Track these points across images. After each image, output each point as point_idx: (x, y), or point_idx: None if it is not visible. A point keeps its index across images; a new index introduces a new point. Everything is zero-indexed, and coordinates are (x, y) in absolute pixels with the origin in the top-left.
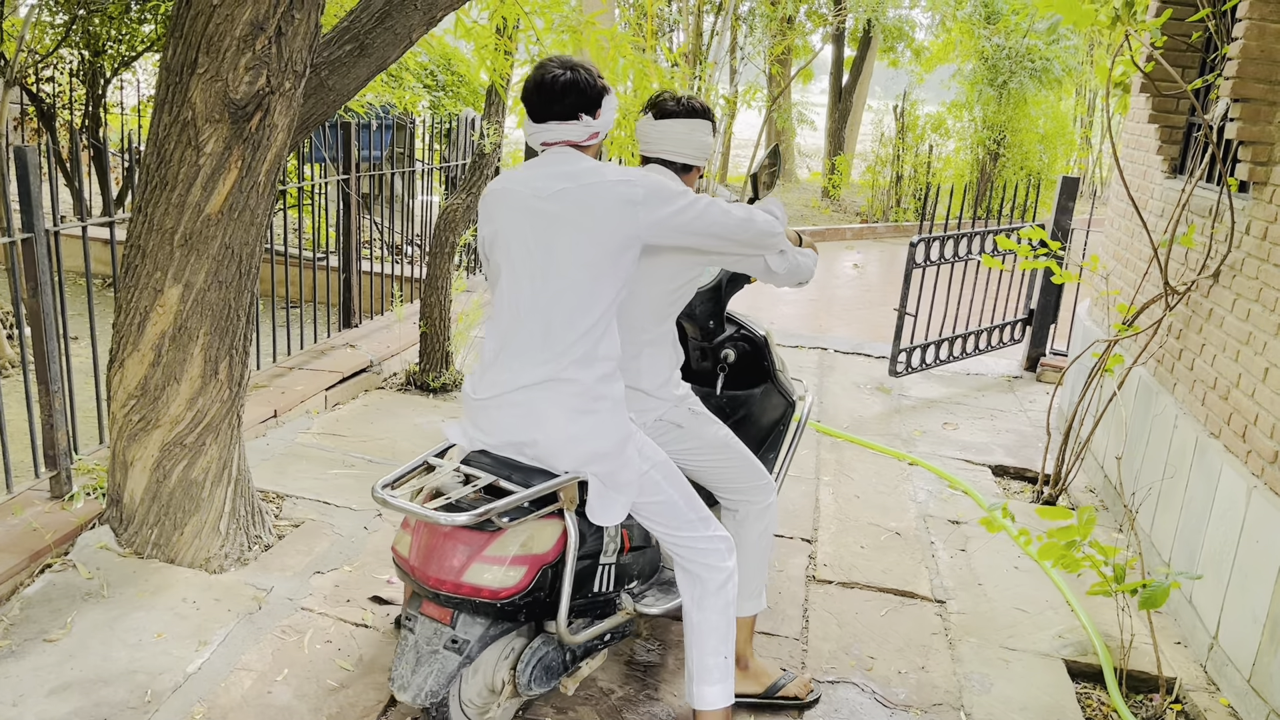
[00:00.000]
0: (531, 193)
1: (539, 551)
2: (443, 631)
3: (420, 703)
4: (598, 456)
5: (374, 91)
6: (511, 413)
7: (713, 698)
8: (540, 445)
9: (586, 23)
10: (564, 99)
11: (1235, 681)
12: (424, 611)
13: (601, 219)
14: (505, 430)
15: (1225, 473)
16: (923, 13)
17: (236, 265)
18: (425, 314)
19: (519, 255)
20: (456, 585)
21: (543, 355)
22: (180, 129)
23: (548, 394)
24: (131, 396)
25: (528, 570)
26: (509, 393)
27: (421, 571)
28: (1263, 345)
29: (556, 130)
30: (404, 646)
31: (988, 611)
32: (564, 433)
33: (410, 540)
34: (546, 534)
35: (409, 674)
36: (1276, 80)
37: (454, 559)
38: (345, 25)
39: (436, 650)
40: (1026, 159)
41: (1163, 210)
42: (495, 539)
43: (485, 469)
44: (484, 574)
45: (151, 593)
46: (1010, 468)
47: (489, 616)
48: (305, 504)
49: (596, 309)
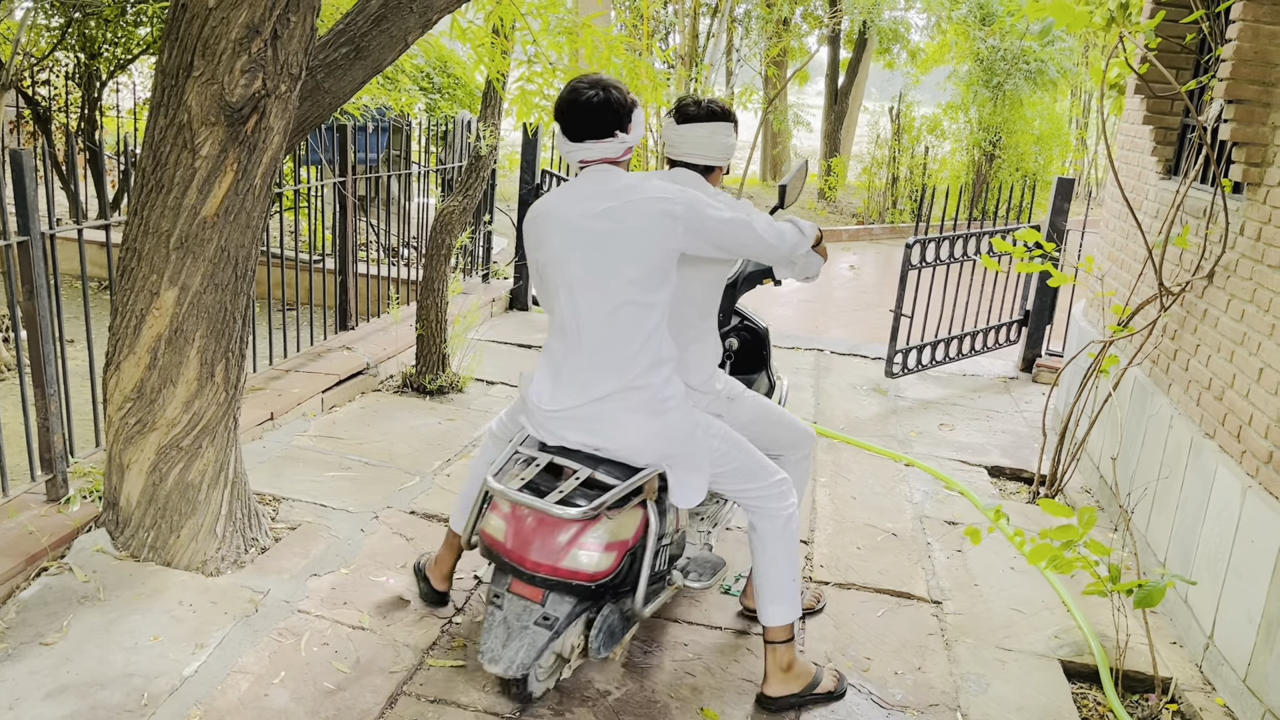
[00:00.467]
0: (579, 214)
1: (625, 538)
2: (533, 609)
3: (511, 674)
4: (672, 454)
5: (370, 94)
6: (586, 424)
7: (784, 615)
8: (617, 450)
9: (583, 24)
10: (599, 119)
11: (1231, 681)
12: (514, 590)
13: (647, 234)
14: (582, 437)
15: (1220, 473)
16: (918, 15)
17: (232, 268)
18: (422, 316)
19: (575, 274)
20: (554, 569)
21: (610, 368)
22: (176, 132)
23: (620, 403)
24: (128, 399)
25: (617, 555)
26: (581, 405)
27: (519, 555)
28: (1257, 346)
29: (594, 149)
30: (492, 622)
31: (984, 612)
32: (639, 437)
33: (505, 526)
34: (630, 522)
35: (499, 648)
36: (1270, 82)
37: (554, 545)
38: (341, 28)
39: (527, 626)
40: (1022, 160)
41: (1157, 211)
42: (591, 528)
43: (578, 461)
44: (581, 559)
45: (148, 596)
46: (1006, 468)
47: (578, 596)
48: (302, 506)
49: (653, 317)
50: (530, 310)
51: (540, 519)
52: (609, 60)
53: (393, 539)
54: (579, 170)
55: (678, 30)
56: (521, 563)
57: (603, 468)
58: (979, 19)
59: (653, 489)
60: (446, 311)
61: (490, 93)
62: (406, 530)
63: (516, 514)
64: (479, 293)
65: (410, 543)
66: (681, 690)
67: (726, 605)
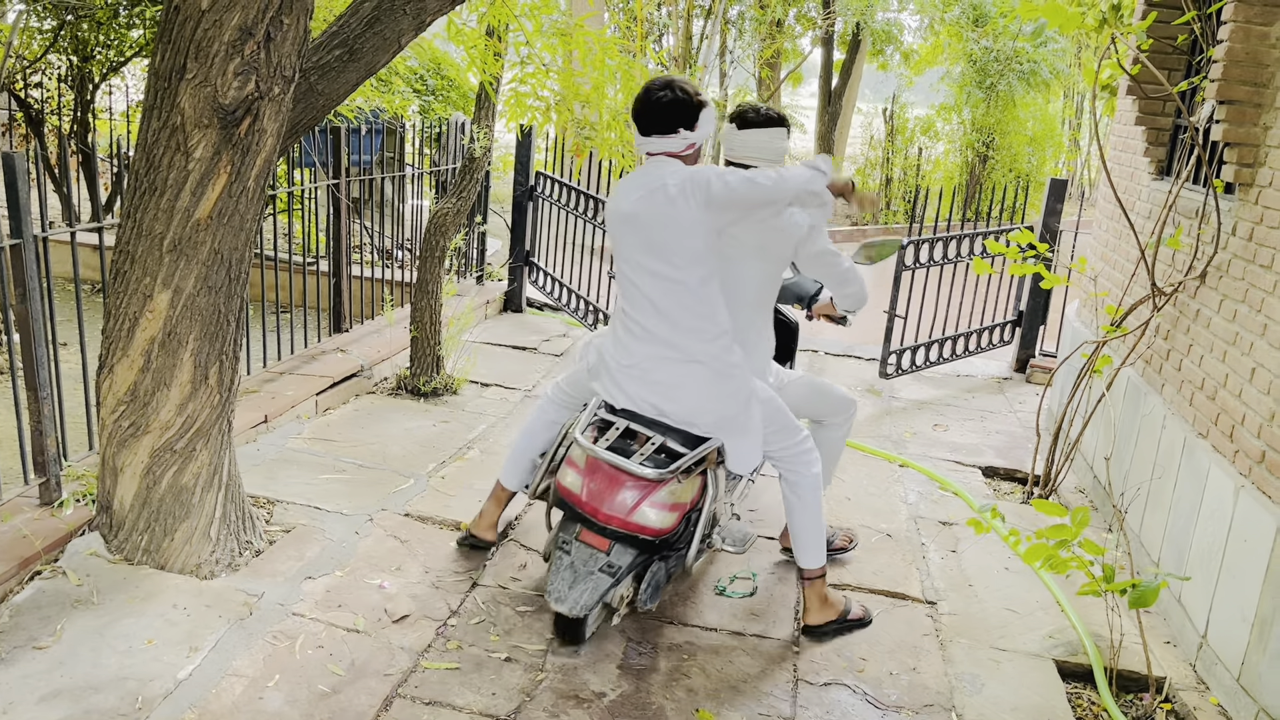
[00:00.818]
0: (625, 202)
1: (685, 501)
2: (598, 557)
3: (575, 614)
4: (728, 418)
5: (364, 96)
6: (650, 383)
7: (818, 559)
8: (678, 412)
9: (576, 25)
10: (665, 117)
11: (1224, 680)
12: (582, 538)
13: (668, 216)
14: (645, 396)
15: (1213, 473)
16: (911, 16)
17: (226, 270)
18: (416, 318)
19: (628, 255)
20: (624, 522)
21: (669, 336)
22: (169, 134)
23: (681, 369)
24: (121, 402)
25: (678, 516)
26: (643, 362)
27: (592, 507)
28: (1249, 346)
29: (658, 143)
30: (559, 566)
31: (978, 612)
32: (700, 401)
33: (580, 480)
34: (691, 487)
35: (565, 589)
36: (1261, 82)
37: (626, 501)
38: (334, 30)
39: (592, 572)
40: (1015, 161)
41: (1150, 212)
42: (659, 489)
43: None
44: (649, 515)
45: (142, 599)
46: (1000, 469)
47: (640, 549)
48: (296, 509)
49: (698, 291)
50: (525, 312)
51: (613, 477)
52: (602, 62)
53: (387, 541)
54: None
55: (671, 32)
56: (594, 514)
57: (671, 435)
58: (972, 20)
59: (713, 459)
60: (441, 313)
61: (484, 95)
62: (401, 532)
63: (592, 470)
64: (473, 294)
65: (405, 545)
66: (677, 691)
67: (721, 607)
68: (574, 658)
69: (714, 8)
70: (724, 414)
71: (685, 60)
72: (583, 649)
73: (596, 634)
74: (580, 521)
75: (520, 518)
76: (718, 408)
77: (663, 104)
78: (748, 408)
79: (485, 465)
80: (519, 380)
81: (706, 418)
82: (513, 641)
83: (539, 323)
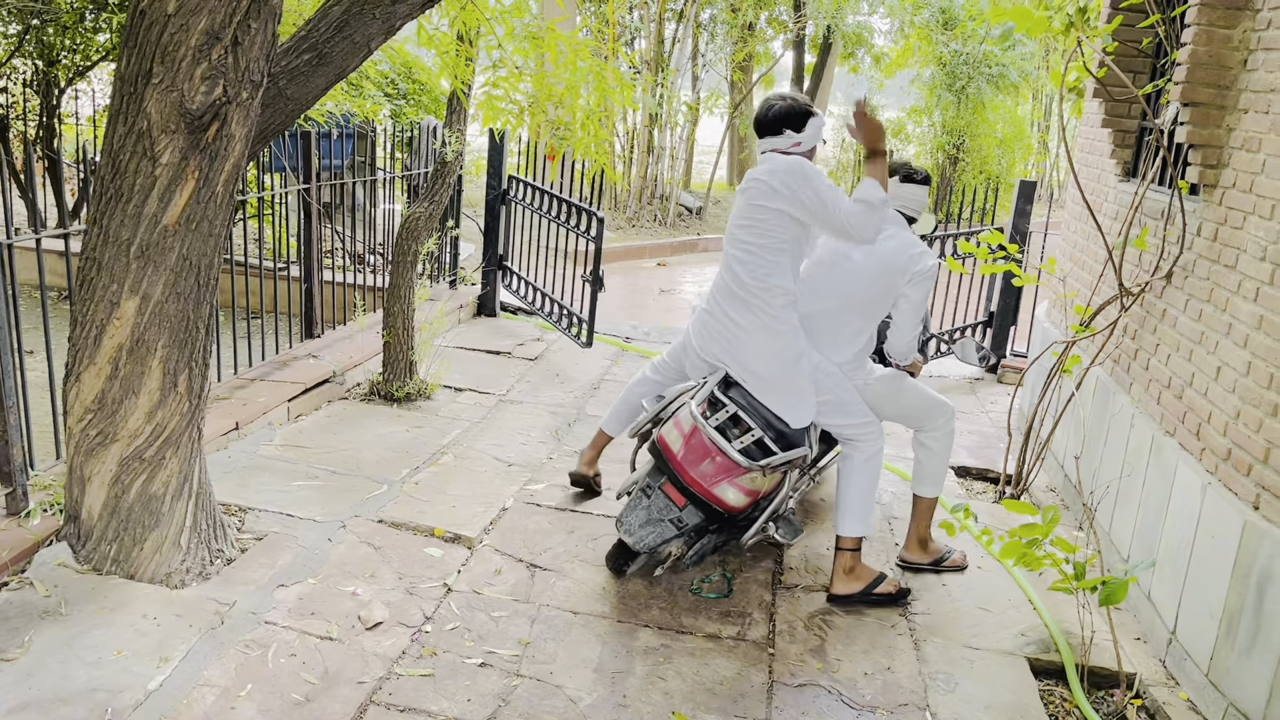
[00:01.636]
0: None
1: (760, 489)
2: (673, 509)
3: (638, 548)
4: (776, 371)
5: (334, 100)
6: (719, 330)
7: (853, 528)
8: (739, 355)
9: (547, 28)
10: (773, 121)
11: (1194, 676)
12: (665, 489)
13: (760, 196)
14: (715, 337)
15: (1181, 470)
16: (881, 19)
17: (195, 277)
18: (388, 323)
19: (731, 225)
20: (706, 490)
21: (740, 292)
22: (135, 139)
23: (743, 319)
24: (88, 411)
25: (750, 500)
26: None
27: (682, 467)
28: (1215, 345)
29: (768, 142)
30: (637, 504)
31: (952, 611)
32: (754, 349)
33: (681, 440)
34: (770, 479)
35: (637, 525)
36: (1225, 85)
37: (713, 473)
38: (303, 34)
39: (663, 520)
40: (985, 163)
41: (1117, 213)
42: (745, 473)
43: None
44: (728, 492)
45: (111, 609)
46: (973, 468)
47: (708, 515)
48: (268, 516)
49: (769, 261)
50: (498, 316)
51: (707, 449)
52: (574, 64)
53: (361, 548)
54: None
55: (643, 35)
56: (681, 473)
57: (770, 433)
58: (941, 23)
59: (799, 462)
60: (413, 318)
61: (455, 99)
62: (374, 539)
63: (693, 436)
64: (446, 299)
65: (378, 551)
66: (653, 695)
67: (698, 610)
68: (549, 663)
69: (686, 11)
70: (773, 365)
71: (657, 63)
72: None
73: (574, 636)
74: (668, 475)
75: (495, 523)
76: (768, 357)
77: (773, 110)
78: (795, 366)
79: (459, 470)
80: (493, 385)
81: (758, 365)
82: (487, 647)
83: (513, 327)
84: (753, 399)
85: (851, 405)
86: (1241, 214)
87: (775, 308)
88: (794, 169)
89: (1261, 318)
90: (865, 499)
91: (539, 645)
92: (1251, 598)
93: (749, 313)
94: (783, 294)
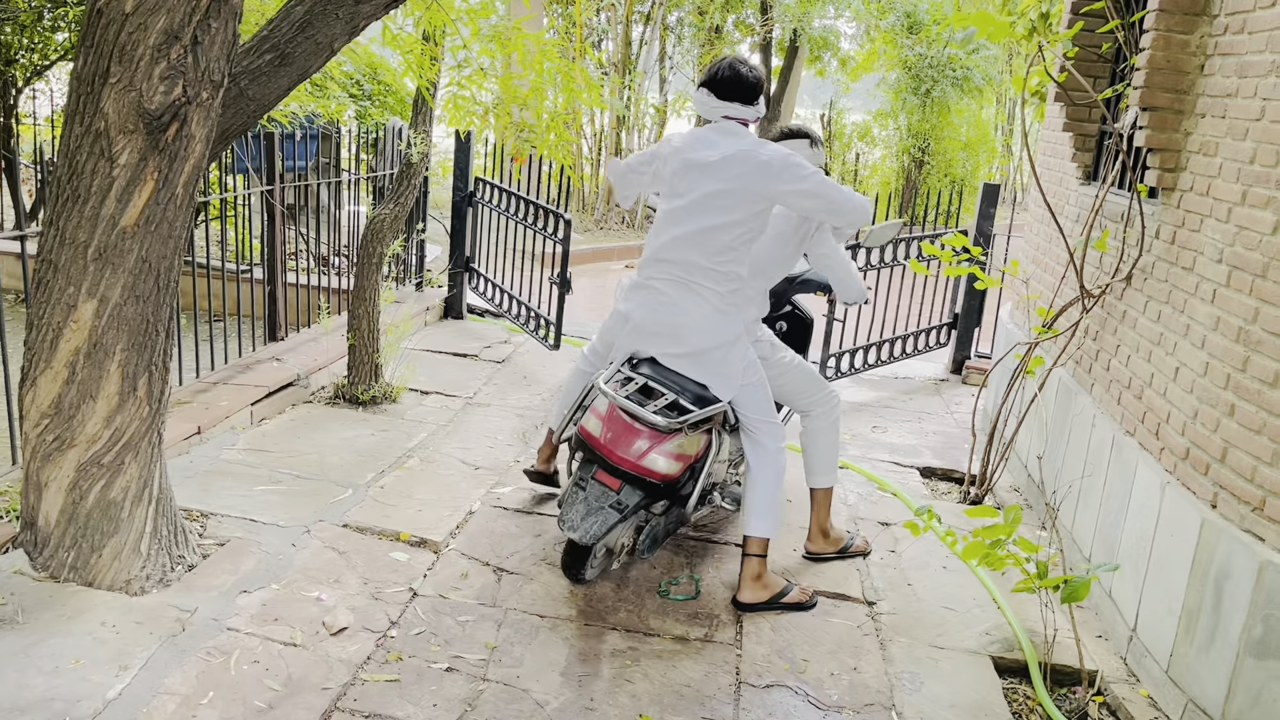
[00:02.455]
0: (706, 153)
1: (690, 454)
2: (610, 494)
3: (584, 541)
4: (722, 343)
5: (298, 100)
6: (661, 298)
7: (761, 529)
8: (681, 330)
9: (514, 27)
10: (750, 90)
11: (1154, 672)
12: (598, 478)
13: (747, 175)
14: (655, 311)
15: (1140, 470)
16: (848, 23)
17: (154, 279)
18: (353, 326)
19: (685, 194)
20: (635, 465)
21: (689, 269)
22: (93, 140)
23: (689, 294)
24: (45, 416)
25: (683, 465)
26: (660, 280)
27: (608, 449)
28: (1173, 346)
29: (739, 110)
30: (575, 499)
31: (917, 611)
32: (698, 323)
33: (601, 426)
34: (698, 442)
35: (579, 520)
36: (1182, 89)
37: (639, 447)
38: (265, 34)
39: (603, 507)
40: (950, 166)
41: (1078, 216)
42: (668, 440)
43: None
44: (658, 462)
45: (69, 618)
46: (938, 469)
47: (645, 491)
48: (231, 522)
49: (732, 242)
50: (465, 318)
51: (629, 426)
52: (541, 64)
53: (325, 553)
54: (707, 122)
55: (611, 38)
56: (609, 456)
57: (684, 395)
58: (906, 27)
59: (719, 419)
60: (379, 321)
61: (421, 99)
62: (339, 544)
63: (612, 417)
64: (412, 301)
65: (343, 556)
66: (620, 697)
67: (665, 612)
68: (516, 667)
69: (653, 14)
70: (710, 341)
71: (624, 66)
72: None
73: (541, 640)
74: (597, 463)
75: (461, 526)
76: (707, 333)
77: (745, 79)
78: (734, 346)
79: (425, 474)
80: (459, 388)
81: (696, 340)
82: (454, 651)
83: (480, 329)
84: (664, 370)
85: (763, 399)
86: (1199, 217)
87: (721, 292)
88: (791, 155)
89: (1218, 319)
90: (773, 496)
91: (506, 649)
92: (1210, 595)
93: (690, 293)
94: (735, 280)
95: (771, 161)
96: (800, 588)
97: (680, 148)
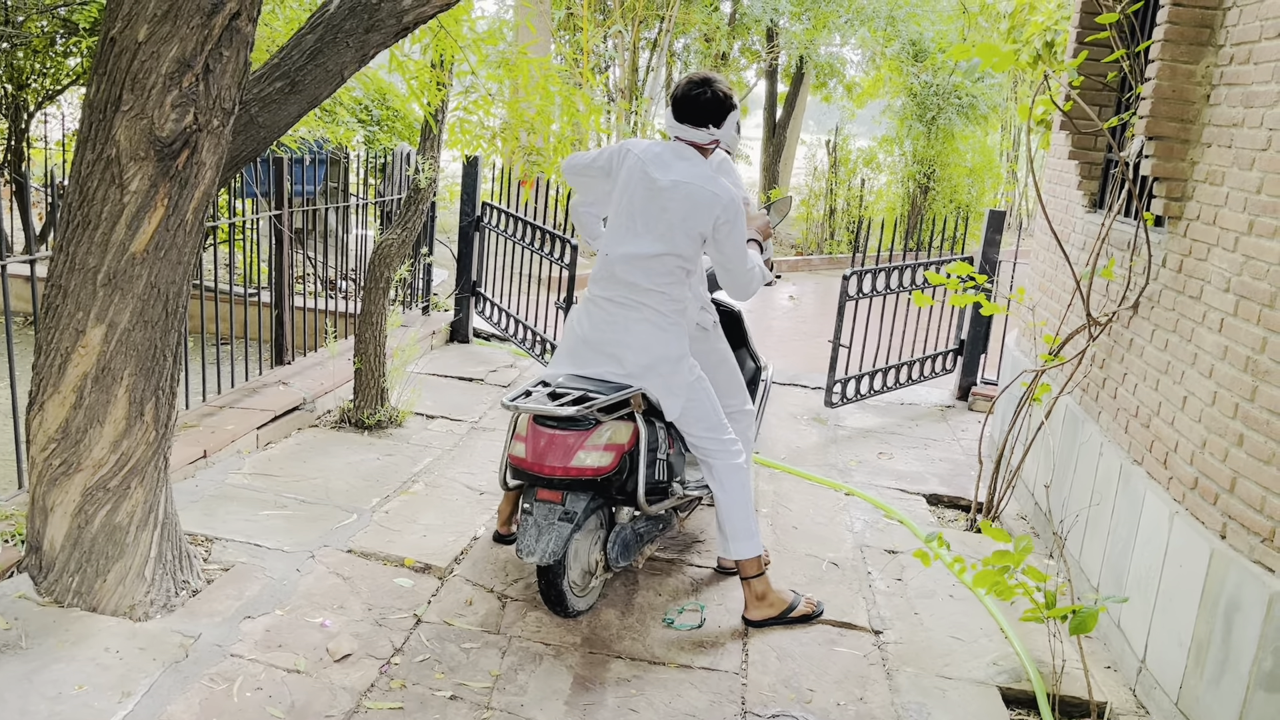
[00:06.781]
0: (662, 175)
1: (620, 442)
2: (555, 509)
3: (545, 562)
4: (665, 360)
5: (307, 126)
6: (608, 316)
7: (747, 549)
8: (624, 347)
9: (520, 53)
10: (698, 112)
11: (1164, 704)
12: (539, 497)
13: (697, 212)
14: (602, 329)
15: (1149, 499)
16: (853, 50)
17: (163, 305)
18: (360, 350)
19: (637, 213)
20: (566, 469)
21: (631, 287)
22: (104, 166)
23: (633, 312)
24: (52, 440)
25: (614, 455)
26: (609, 299)
27: (538, 464)
28: (1181, 374)
29: (688, 132)
30: (526, 525)
31: (924, 640)
32: (642, 341)
33: (525, 445)
34: (624, 430)
35: (534, 543)
36: (1188, 119)
37: (564, 450)
38: (276, 62)
39: (552, 523)
40: (955, 192)
41: (1084, 243)
42: (591, 434)
43: (577, 388)
44: (586, 458)
45: (72, 643)
46: (944, 496)
47: (589, 491)
48: (235, 546)
49: (673, 268)
50: (471, 342)
51: (550, 436)
52: (546, 89)
53: (329, 579)
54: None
55: (618, 64)
56: (540, 470)
57: (592, 387)
58: (911, 55)
59: (638, 404)
60: (385, 345)
61: (429, 125)
62: (344, 569)
63: (533, 434)
64: (419, 325)
65: (347, 582)
66: None
67: (669, 639)
68: (520, 695)
69: (660, 40)
70: (663, 355)
71: (631, 92)
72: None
73: (545, 668)
74: (536, 483)
75: (466, 552)
76: (653, 348)
77: (699, 101)
78: (679, 364)
79: (430, 499)
80: (465, 412)
81: (644, 357)
82: (458, 679)
83: (486, 353)
84: (575, 379)
85: (710, 414)
86: (1205, 246)
87: (664, 312)
88: (739, 204)
89: (1226, 348)
90: (745, 515)
91: (510, 677)
92: (1220, 627)
93: (632, 311)
94: (676, 302)
95: (714, 208)
96: (806, 599)
97: (642, 157)
